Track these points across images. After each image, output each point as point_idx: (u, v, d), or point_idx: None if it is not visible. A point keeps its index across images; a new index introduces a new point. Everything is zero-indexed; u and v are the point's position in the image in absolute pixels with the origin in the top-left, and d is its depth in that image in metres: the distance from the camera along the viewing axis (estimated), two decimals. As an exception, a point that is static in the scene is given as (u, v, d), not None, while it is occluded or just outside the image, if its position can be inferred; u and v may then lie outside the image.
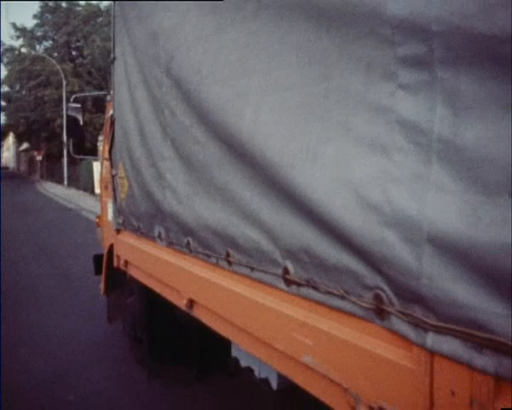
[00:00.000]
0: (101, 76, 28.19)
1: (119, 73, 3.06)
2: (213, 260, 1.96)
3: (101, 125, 20.87)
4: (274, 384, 2.44)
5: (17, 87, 33.33)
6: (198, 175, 2.03)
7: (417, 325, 1.04)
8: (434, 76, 0.99)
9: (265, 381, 2.49)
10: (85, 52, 29.83)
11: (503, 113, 0.87)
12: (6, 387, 3.35)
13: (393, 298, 1.11)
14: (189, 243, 2.16)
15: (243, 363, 2.63)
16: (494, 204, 0.87)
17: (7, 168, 60.08)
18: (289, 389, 2.38)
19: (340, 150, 1.24)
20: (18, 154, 53.03)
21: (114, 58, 3.11)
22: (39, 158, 35.31)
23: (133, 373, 3.63)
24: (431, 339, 1.01)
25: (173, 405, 3.22)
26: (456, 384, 0.98)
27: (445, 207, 0.95)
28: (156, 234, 2.53)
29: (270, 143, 1.50)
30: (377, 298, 1.16)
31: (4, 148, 66.95)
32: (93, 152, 10.05)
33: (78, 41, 31.39)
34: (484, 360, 0.91)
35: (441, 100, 0.97)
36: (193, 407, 3.18)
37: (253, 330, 1.72)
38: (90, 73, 29.30)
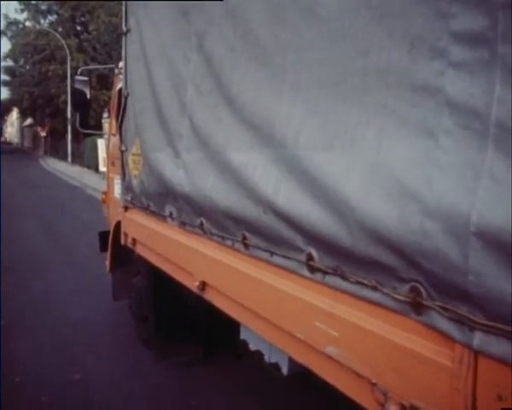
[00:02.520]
0: (106, 52, 27.82)
1: (132, 46, 2.94)
2: (229, 242, 1.89)
3: (105, 101, 20.64)
4: (284, 369, 2.41)
5: (21, 62, 32.96)
6: (214, 156, 1.95)
7: (462, 322, 0.98)
8: (495, 54, 0.90)
9: (275, 365, 2.45)
10: (90, 27, 29.42)
11: None
12: (11, 366, 3.32)
13: (433, 292, 1.04)
14: (202, 224, 2.10)
15: (252, 346, 2.59)
16: None
17: (10, 144, 59.88)
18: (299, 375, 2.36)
19: (380, 133, 1.15)
20: (22, 129, 52.79)
21: (128, 31, 2.99)
22: (43, 134, 35.14)
23: (139, 354, 3.60)
24: (478, 338, 0.95)
25: (180, 386, 3.18)
26: (503, 388, 0.91)
27: (498, 198, 0.88)
28: (167, 213, 2.45)
29: (306, 125, 1.42)
30: (414, 291, 1.09)
31: (8, 123, 66.66)
32: (98, 129, 9.94)
33: (83, 16, 30.92)
34: (537, 364, 0.84)
35: (501, 81, 0.89)
36: (199, 389, 3.15)
37: (269, 316, 1.66)
38: (94, 48, 28.91)
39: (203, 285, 2.17)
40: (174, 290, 3.02)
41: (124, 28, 3.12)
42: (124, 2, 3.13)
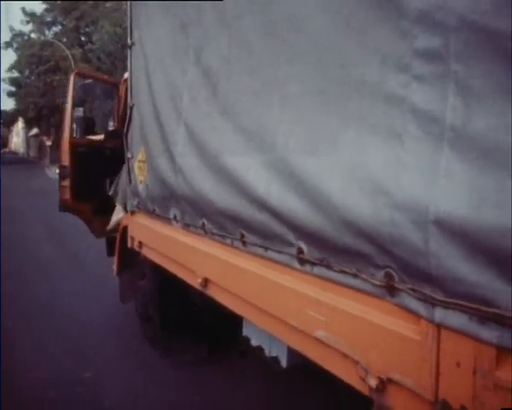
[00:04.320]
0: (110, 62, 28.16)
1: (136, 58, 3.12)
2: (228, 241, 2.04)
3: (110, 111, 20.87)
4: (283, 363, 2.53)
5: (26, 72, 33.40)
6: (209, 161, 2.11)
7: (426, 300, 1.12)
8: (448, 69, 1.05)
9: (275, 359, 2.59)
10: (94, 37, 29.80)
11: (509, 104, 0.94)
12: (21, 366, 3.48)
13: (404, 276, 1.19)
14: (204, 225, 2.25)
15: (254, 342, 2.73)
16: (499, 189, 0.94)
17: (16, 154, 60.32)
18: (298, 368, 2.50)
19: (357, 138, 1.31)
20: (27, 139, 53.22)
21: (132, 44, 3.17)
22: (49, 143, 35.48)
23: (146, 352, 3.74)
24: (439, 314, 1.09)
25: (186, 382, 3.32)
26: (461, 355, 1.06)
27: (453, 192, 1.03)
28: (172, 216, 2.61)
29: (294, 131, 1.57)
30: (388, 276, 1.24)
31: (14, 133, 67.19)
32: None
33: (87, 26, 31.34)
34: (488, 333, 0.99)
35: (453, 91, 1.04)
36: (204, 385, 3.29)
37: (266, 307, 1.81)
38: (99, 58, 29.25)
39: (205, 282, 2.32)
40: (179, 291, 3.18)
41: (129, 42, 3.29)
42: (129, 17, 3.30)
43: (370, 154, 1.26)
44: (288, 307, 1.66)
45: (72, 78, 4.51)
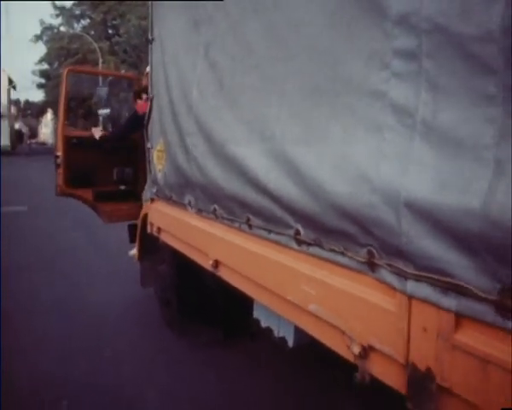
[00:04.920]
0: (136, 54, 28.63)
1: (155, 53, 3.31)
2: (236, 224, 2.21)
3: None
4: (290, 342, 2.69)
5: (56, 65, 34.26)
6: (217, 150, 2.28)
7: (400, 274, 1.26)
8: (421, 67, 1.18)
9: (283, 339, 2.75)
10: (121, 30, 30.33)
11: (471, 100, 1.06)
12: (47, 340, 3.75)
13: (382, 253, 1.33)
14: (215, 210, 2.42)
15: (263, 324, 2.89)
16: (459, 175, 1.07)
17: (45, 144, 61.90)
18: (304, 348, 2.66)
19: (344, 129, 1.45)
20: (56, 130, 54.56)
21: (153, 39, 3.36)
22: (76, 134, 36.31)
23: (165, 334, 3.94)
24: (410, 286, 1.23)
25: (202, 361, 3.52)
26: (427, 322, 1.19)
27: (421, 177, 1.16)
28: (187, 202, 2.79)
29: (290, 123, 1.72)
30: (369, 254, 1.38)
31: (43, 124, 68.91)
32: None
33: (114, 19, 31.93)
34: (448, 301, 1.12)
35: (425, 88, 1.17)
36: (220, 364, 3.48)
37: (269, 284, 1.97)
38: (125, 51, 29.80)
39: (216, 264, 2.49)
40: (194, 275, 3.38)
41: (150, 37, 3.49)
42: (150, 14, 3.49)
43: (355, 144, 1.39)
44: (286, 284, 1.82)
45: (64, 74, 4.85)
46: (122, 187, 5.18)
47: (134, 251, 4.63)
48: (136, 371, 3.33)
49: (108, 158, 4.96)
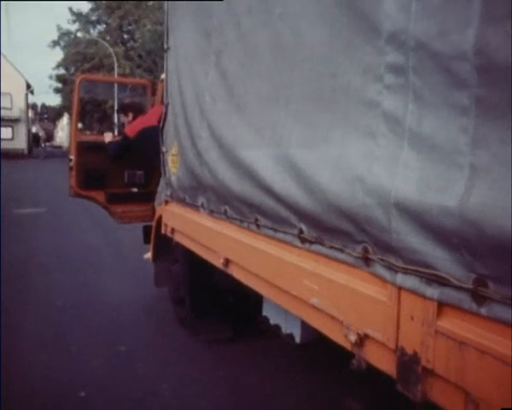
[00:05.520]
0: (151, 59, 29.05)
1: (171, 61, 3.49)
2: (245, 224, 2.35)
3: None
4: (297, 339, 2.83)
5: (72, 70, 34.91)
6: (227, 154, 2.44)
7: (391, 268, 1.39)
8: (408, 80, 1.31)
9: (290, 335, 2.88)
10: (136, 36, 30.82)
11: (448, 110, 1.19)
12: (65, 336, 3.93)
13: (376, 249, 1.46)
14: (226, 211, 2.57)
15: (272, 321, 3.03)
16: (441, 177, 1.20)
17: (61, 147, 62.94)
18: (311, 344, 2.79)
19: (342, 135, 1.58)
20: (70, 134, 55.41)
21: (168, 48, 3.54)
22: (91, 137, 36.89)
23: (178, 332, 4.09)
24: (399, 278, 1.36)
25: (215, 358, 3.66)
26: (414, 311, 1.32)
27: (408, 179, 1.29)
28: (200, 203, 2.95)
29: (295, 129, 1.86)
30: (365, 250, 1.51)
31: (59, 128, 70.03)
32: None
33: (129, 25, 32.49)
34: (431, 291, 1.25)
35: (412, 99, 1.30)
36: (232, 360, 3.62)
37: (275, 280, 2.10)
38: (140, 56, 30.26)
39: (226, 262, 2.63)
40: (207, 276, 3.54)
41: (165, 46, 3.66)
42: (165, 24, 3.67)
43: (352, 148, 1.53)
44: (291, 280, 1.95)
45: (77, 83, 5.08)
46: (133, 189, 5.40)
47: (149, 255, 4.80)
48: (148, 365, 3.49)
49: (120, 161, 5.16)
